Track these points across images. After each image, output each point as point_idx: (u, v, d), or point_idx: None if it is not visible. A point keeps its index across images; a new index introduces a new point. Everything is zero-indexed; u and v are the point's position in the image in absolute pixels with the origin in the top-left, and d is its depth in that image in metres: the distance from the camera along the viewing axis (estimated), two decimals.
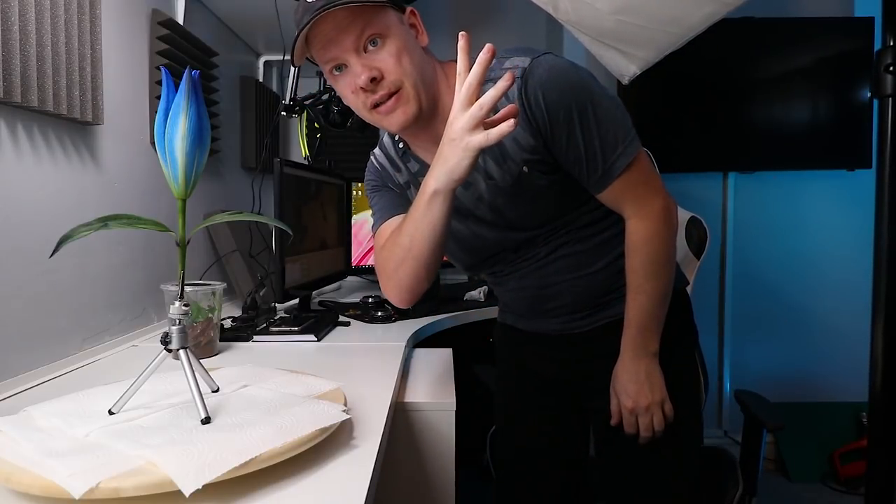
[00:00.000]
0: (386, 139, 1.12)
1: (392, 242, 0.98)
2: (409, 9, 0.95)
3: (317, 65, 0.95)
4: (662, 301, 1.00)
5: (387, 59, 0.89)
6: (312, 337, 1.36)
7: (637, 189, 0.96)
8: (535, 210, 1.00)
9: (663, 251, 0.99)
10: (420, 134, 0.99)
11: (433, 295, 1.87)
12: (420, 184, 1.02)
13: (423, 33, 0.96)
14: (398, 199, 1.10)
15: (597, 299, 1.06)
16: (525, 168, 0.95)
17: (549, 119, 0.91)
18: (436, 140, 0.96)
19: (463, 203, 1.02)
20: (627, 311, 1.01)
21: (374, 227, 1.10)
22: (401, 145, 1.07)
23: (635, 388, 1.00)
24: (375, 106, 0.91)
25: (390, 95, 0.90)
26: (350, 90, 0.92)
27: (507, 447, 1.26)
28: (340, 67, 0.91)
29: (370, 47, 0.89)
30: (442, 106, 0.96)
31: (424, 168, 1.03)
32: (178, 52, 1.56)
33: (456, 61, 0.98)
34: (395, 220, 1.05)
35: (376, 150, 1.15)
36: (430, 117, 0.95)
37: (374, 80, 0.89)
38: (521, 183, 0.97)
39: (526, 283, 1.08)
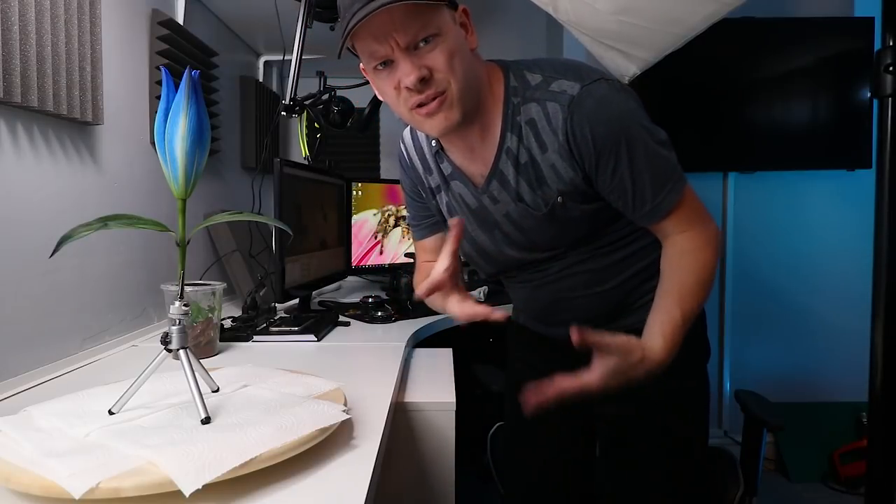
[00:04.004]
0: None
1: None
2: (461, 7, 0.89)
3: (356, 55, 0.90)
4: (701, 302, 0.92)
5: (438, 58, 0.84)
6: (312, 337, 1.36)
7: (686, 216, 0.92)
8: (562, 235, 0.98)
9: (709, 260, 0.91)
10: (454, 138, 0.96)
11: None
12: (451, 188, 1.03)
13: (472, 34, 0.90)
14: (428, 214, 1.12)
15: (608, 314, 1.05)
16: (559, 199, 0.93)
17: (596, 153, 0.88)
18: (469, 146, 0.96)
19: (491, 215, 1.01)
20: (675, 306, 0.89)
21: (413, 236, 1.18)
22: (433, 143, 1.03)
23: (662, 353, 0.87)
24: (418, 105, 0.87)
25: (435, 97, 0.86)
26: (392, 86, 0.87)
27: (513, 445, 1.25)
28: (386, 63, 0.86)
29: (421, 45, 0.84)
30: (482, 112, 0.93)
31: (456, 172, 1.01)
32: (178, 52, 1.56)
33: (497, 64, 0.95)
34: (431, 241, 1.14)
35: (406, 137, 1.10)
36: (467, 123, 0.92)
37: (423, 81, 0.84)
38: (553, 211, 0.94)
39: (539, 294, 1.08)
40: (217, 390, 0.81)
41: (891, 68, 0.87)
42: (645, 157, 0.88)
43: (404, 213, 2.29)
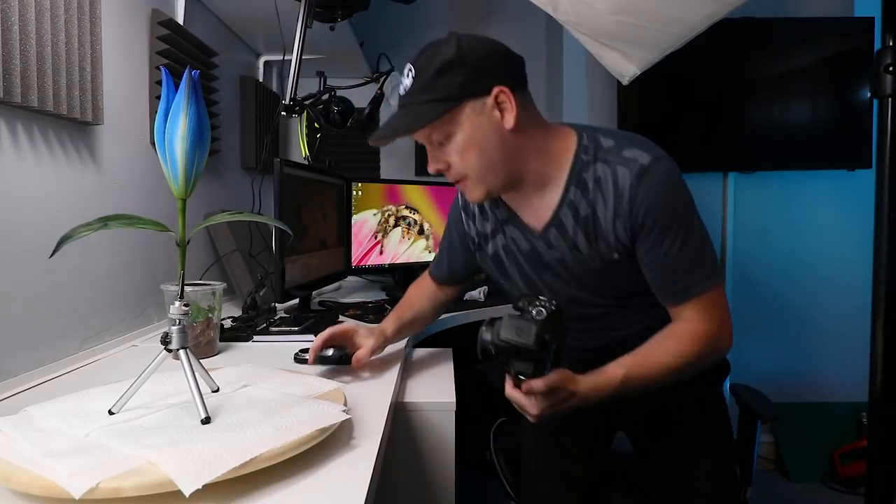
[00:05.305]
0: None
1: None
2: (496, 90, 0.91)
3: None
4: (652, 382, 0.96)
5: (451, 155, 0.95)
6: (312, 337, 1.35)
7: (704, 311, 0.96)
8: (609, 286, 1.01)
9: (686, 356, 0.96)
10: (509, 192, 1.03)
11: None
12: (506, 232, 1.07)
13: (510, 111, 0.92)
14: (461, 253, 1.20)
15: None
16: (616, 255, 0.97)
17: (653, 222, 0.92)
18: (526, 197, 1.01)
19: (543, 258, 1.04)
20: (647, 362, 0.95)
21: (429, 269, 1.27)
22: None
23: (588, 397, 0.94)
24: None
25: (459, 180, 0.98)
26: None
27: (540, 454, 1.27)
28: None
29: (438, 142, 0.95)
30: (528, 174, 0.98)
31: (513, 216, 1.06)
32: (178, 52, 1.56)
33: (571, 126, 1.00)
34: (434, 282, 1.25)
35: None
36: (512, 187, 1.00)
37: (441, 170, 0.97)
38: (609, 266, 0.98)
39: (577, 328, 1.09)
40: (217, 390, 0.81)
41: (891, 68, 0.87)
42: (698, 239, 0.94)
43: (404, 213, 2.29)
